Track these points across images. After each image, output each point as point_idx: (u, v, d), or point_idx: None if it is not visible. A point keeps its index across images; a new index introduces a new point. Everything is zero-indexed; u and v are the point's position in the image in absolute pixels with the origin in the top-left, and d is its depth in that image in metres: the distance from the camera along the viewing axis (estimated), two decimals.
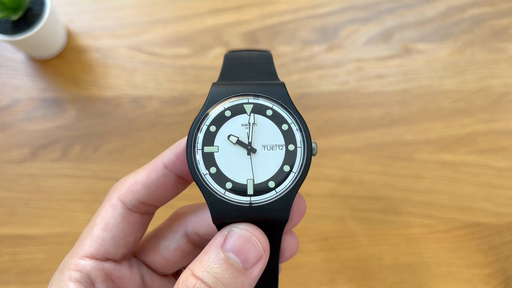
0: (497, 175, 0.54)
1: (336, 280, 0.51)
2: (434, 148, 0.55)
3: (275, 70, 0.26)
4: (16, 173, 0.54)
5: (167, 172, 0.25)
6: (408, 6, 0.59)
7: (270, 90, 0.24)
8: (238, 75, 0.26)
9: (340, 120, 0.55)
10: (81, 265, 0.25)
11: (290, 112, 0.24)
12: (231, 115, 0.24)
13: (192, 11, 0.58)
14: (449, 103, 0.56)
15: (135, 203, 0.25)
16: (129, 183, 0.25)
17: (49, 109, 0.55)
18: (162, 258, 0.27)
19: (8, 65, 0.57)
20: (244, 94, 0.24)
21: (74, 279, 0.24)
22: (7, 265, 0.52)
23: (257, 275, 0.22)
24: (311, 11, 0.58)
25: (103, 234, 0.25)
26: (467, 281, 0.52)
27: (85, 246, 0.25)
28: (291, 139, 0.24)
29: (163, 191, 0.25)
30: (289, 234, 0.26)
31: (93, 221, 0.26)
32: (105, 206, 0.26)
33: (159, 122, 0.55)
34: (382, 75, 0.56)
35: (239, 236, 0.22)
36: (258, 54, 0.28)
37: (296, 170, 0.23)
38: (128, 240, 0.26)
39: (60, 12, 0.58)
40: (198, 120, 0.24)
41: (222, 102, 0.24)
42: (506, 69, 0.57)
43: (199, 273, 0.21)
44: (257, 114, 0.24)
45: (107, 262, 0.25)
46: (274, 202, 0.23)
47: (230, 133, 0.23)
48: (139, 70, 0.56)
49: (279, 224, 0.24)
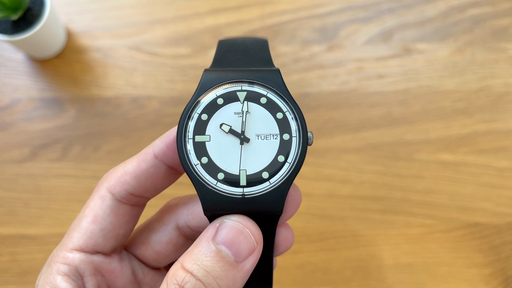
0: (497, 175, 0.54)
1: (336, 280, 0.51)
2: (434, 148, 0.55)
3: (270, 57, 0.25)
4: (16, 173, 0.54)
5: (157, 163, 0.24)
6: (408, 6, 0.58)
7: (264, 77, 0.23)
8: (232, 62, 0.25)
9: (340, 120, 0.55)
10: (69, 258, 0.24)
11: (285, 100, 0.23)
12: (223, 103, 0.23)
13: (192, 11, 0.58)
14: (449, 103, 0.56)
15: (124, 194, 0.25)
16: (118, 174, 0.25)
17: (49, 109, 0.55)
18: (153, 252, 0.27)
19: (8, 65, 0.57)
20: (237, 80, 0.23)
21: (62, 273, 0.24)
22: (7, 265, 0.52)
23: (249, 268, 0.22)
24: (311, 11, 0.58)
25: (92, 227, 0.24)
26: (467, 281, 0.52)
27: (74, 239, 0.24)
28: (286, 128, 0.23)
29: (153, 182, 0.25)
30: (284, 227, 0.26)
31: (82, 213, 0.25)
32: (94, 197, 0.25)
33: (159, 122, 0.55)
34: (382, 75, 0.56)
35: (231, 228, 0.21)
36: (253, 40, 0.27)
37: (291, 160, 0.22)
38: (117, 233, 0.25)
39: (60, 12, 0.58)
40: (189, 108, 0.23)
41: (214, 89, 0.23)
42: (506, 69, 0.57)
43: (189, 266, 0.21)
44: (250, 102, 0.23)
45: (96, 255, 0.25)
46: (267, 194, 0.22)
47: (223, 122, 0.23)
48: (139, 70, 0.56)
49: (273, 216, 0.23)
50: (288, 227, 0.26)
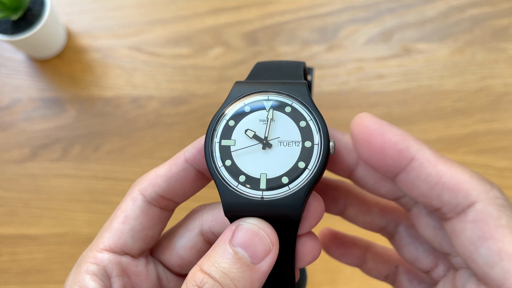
0: (497, 175, 0.54)
1: (336, 280, 0.51)
2: (434, 148, 0.54)
3: (302, 73, 0.26)
4: (16, 173, 0.54)
5: (187, 166, 0.25)
6: (408, 6, 0.59)
7: (291, 88, 0.24)
8: (263, 77, 0.26)
9: (340, 120, 0.55)
10: (99, 258, 0.24)
11: (309, 110, 0.24)
12: (250, 111, 0.24)
13: (192, 11, 0.58)
14: (449, 103, 0.56)
15: (155, 196, 0.25)
16: (150, 176, 0.25)
17: (49, 109, 0.55)
18: (178, 257, 0.27)
19: (8, 65, 0.57)
20: (265, 90, 0.24)
21: (91, 272, 0.24)
22: (7, 265, 0.52)
23: (266, 270, 0.22)
24: (311, 11, 0.58)
25: (122, 227, 0.25)
26: None
27: (104, 239, 0.25)
28: (308, 136, 0.23)
29: (183, 185, 0.25)
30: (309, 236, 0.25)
31: (114, 214, 0.26)
32: (126, 199, 0.26)
33: (159, 122, 0.55)
34: (382, 75, 0.56)
35: (247, 230, 0.22)
36: (289, 62, 0.28)
37: (312, 167, 0.23)
38: (146, 234, 0.26)
39: (60, 12, 0.58)
40: (218, 115, 0.24)
41: (243, 99, 0.24)
42: (506, 69, 0.57)
43: (207, 268, 0.21)
44: (275, 111, 0.24)
45: (124, 256, 0.25)
46: (285, 198, 0.22)
47: (248, 128, 0.24)
48: (139, 70, 0.56)
49: (291, 222, 0.23)
50: (314, 235, 0.25)
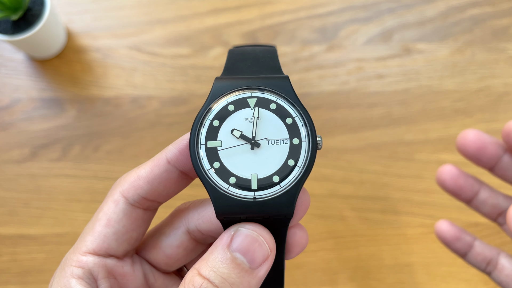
0: None
1: (336, 280, 0.51)
2: (434, 148, 0.55)
3: (279, 64, 0.26)
4: (16, 173, 0.54)
5: (170, 168, 0.25)
6: (408, 6, 0.59)
7: (274, 84, 0.24)
8: (242, 70, 0.26)
9: (340, 120, 0.55)
10: (83, 261, 0.24)
11: (294, 106, 0.23)
12: (234, 109, 0.23)
13: (192, 11, 0.58)
14: (449, 103, 0.56)
15: (137, 198, 0.25)
16: (132, 178, 0.25)
17: (49, 109, 0.55)
18: (164, 255, 0.27)
19: (8, 65, 0.57)
20: (248, 88, 0.24)
21: (76, 276, 0.24)
22: (7, 265, 0.52)
23: (263, 274, 0.22)
24: (311, 11, 0.58)
25: (105, 230, 0.25)
26: (467, 281, 0.52)
27: (87, 242, 0.25)
28: (296, 133, 0.23)
29: (166, 186, 0.25)
30: (297, 228, 0.26)
31: (95, 217, 0.25)
32: (108, 201, 0.25)
33: (159, 122, 0.55)
34: (382, 75, 0.56)
35: (246, 236, 0.22)
36: (263, 49, 0.27)
37: (301, 164, 0.23)
38: (130, 236, 0.25)
39: (60, 12, 0.58)
40: (201, 115, 0.23)
41: (225, 96, 0.24)
42: (506, 69, 0.57)
43: (206, 273, 0.21)
44: (261, 108, 0.23)
45: (109, 259, 0.25)
46: (278, 197, 0.22)
47: (234, 127, 0.23)
48: (139, 70, 0.56)
49: (283, 219, 0.23)
50: (302, 227, 0.26)
